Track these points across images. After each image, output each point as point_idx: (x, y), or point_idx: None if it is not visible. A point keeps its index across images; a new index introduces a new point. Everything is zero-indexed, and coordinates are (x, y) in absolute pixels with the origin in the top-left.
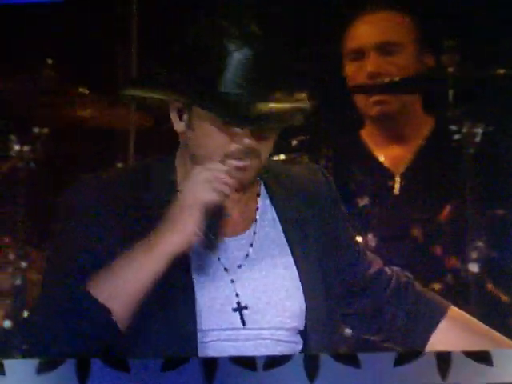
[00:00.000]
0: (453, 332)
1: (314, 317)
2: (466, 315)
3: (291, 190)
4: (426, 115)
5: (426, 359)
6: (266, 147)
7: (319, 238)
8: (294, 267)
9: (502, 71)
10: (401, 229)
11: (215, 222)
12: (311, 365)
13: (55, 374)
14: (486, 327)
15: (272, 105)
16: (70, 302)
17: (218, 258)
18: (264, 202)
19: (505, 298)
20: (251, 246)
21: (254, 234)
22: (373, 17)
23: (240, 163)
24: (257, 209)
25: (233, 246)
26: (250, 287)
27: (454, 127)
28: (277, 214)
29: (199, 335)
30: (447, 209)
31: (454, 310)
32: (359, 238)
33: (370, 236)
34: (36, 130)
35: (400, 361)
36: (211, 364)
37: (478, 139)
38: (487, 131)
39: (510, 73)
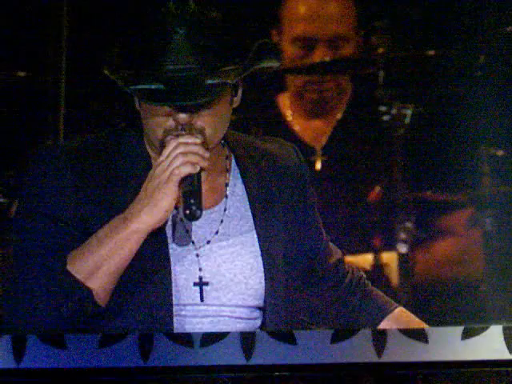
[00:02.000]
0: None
1: (272, 295)
2: (413, 316)
3: (262, 165)
4: (348, 85)
5: (361, 336)
6: (209, 122)
7: (285, 217)
8: (258, 245)
9: (431, 52)
10: (327, 207)
11: (196, 194)
12: (247, 342)
13: None
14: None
15: (199, 80)
16: (49, 280)
17: (187, 231)
18: (235, 177)
19: (433, 278)
20: (222, 222)
21: (225, 210)
22: None
23: (182, 139)
24: (226, 184)
25: (202, 220)
26: (215, 263)
27: (383, 108)
28: (246, 190)
29: None
30: (376, 189)
31: (400, 311)
32: None
33: None
34: None
35: (336, 338)
36: (148, 340)
37: (407, 120)
38: (417, 112)
39: (439, 54)
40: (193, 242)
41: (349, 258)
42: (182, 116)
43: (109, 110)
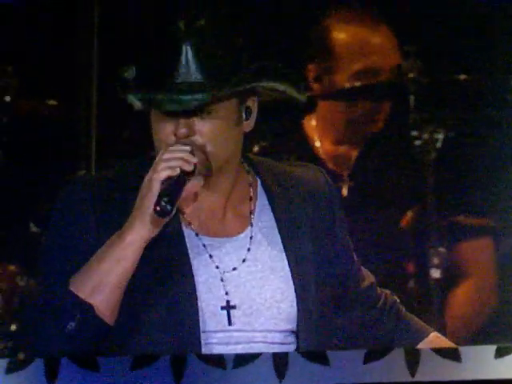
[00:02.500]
0: None
1: (305, 318)
2: (446, 341)
3: (290, 190)
4: (379, 111)
5: (395, 356)
6: (209, 139)
7: (315, 241)
8: (289, 269)
9: (462, 76)
10: (358, 233)
11: (171, 193)
12: (280, 362)
13: (24, 373)
14: None
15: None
16: (54, 302)
17: (210, 256)
18: (261, 203)
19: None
20: (249, 250)
21: (251, 238)
22: (360, 27)
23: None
24: (251, 212)
25: (228, 247)
26: (244, 288)
27: (415, 133)
28: (274, 215)
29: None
30: (409, 214)
31: (435, 336)
32: None
33: None
34: None
35: (369, 358)
36: (180, 362)
37: (439, 145)
38: (448, 137)
39: (471, 78)
40: (217, 267)
41: (381, 283)
42: (182, 131)
43: (141, 139)
